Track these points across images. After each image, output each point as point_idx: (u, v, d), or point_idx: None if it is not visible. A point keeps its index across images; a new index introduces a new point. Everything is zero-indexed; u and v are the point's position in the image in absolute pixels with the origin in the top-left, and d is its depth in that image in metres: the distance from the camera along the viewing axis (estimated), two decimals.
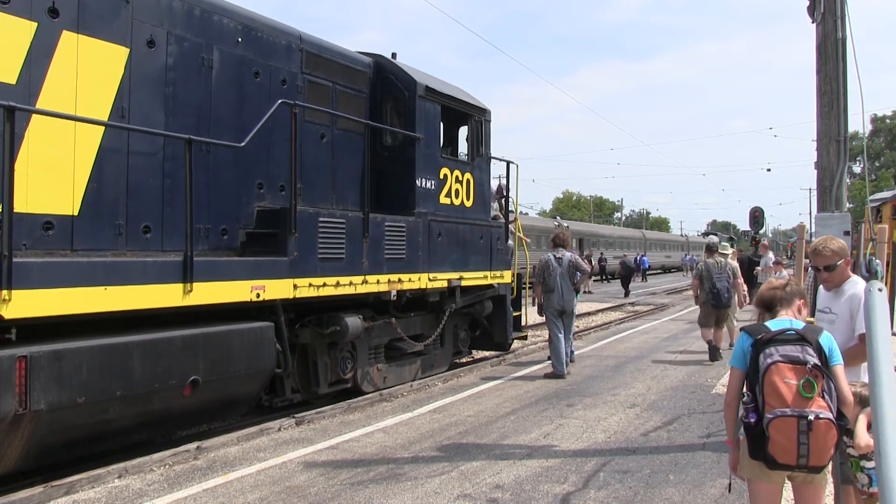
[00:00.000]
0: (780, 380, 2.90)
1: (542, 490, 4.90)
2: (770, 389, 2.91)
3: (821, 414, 2.84)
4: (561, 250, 9.84)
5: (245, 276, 6.26)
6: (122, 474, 5.12)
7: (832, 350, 3.03)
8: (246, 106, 7.01)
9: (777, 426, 2.87)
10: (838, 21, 6.48)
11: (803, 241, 7.04)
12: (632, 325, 16.72)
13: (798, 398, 2.87)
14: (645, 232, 63.06)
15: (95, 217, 5.59)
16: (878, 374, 2.67)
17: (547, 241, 16.65)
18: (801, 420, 2.84)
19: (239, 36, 6.98)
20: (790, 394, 2.87)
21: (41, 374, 4.59)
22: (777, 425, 2.87)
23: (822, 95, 6.64)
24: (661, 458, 5.66)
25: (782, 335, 3.01)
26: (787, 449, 2.87)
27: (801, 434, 2.85)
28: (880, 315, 2.80)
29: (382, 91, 8.89)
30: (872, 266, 2.97)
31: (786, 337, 3.00)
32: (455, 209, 9.53)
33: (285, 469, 5.39)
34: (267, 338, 6.42)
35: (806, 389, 2.86)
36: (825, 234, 6.19)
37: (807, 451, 2.85)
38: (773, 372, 2.92)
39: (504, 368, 10.24)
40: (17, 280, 4.51)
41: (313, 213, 7.09)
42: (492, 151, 10.64)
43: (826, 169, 6.67)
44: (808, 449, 2.85)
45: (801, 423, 2.84)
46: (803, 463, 2.88)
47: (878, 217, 14.13)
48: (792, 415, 2.85)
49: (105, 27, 5.67)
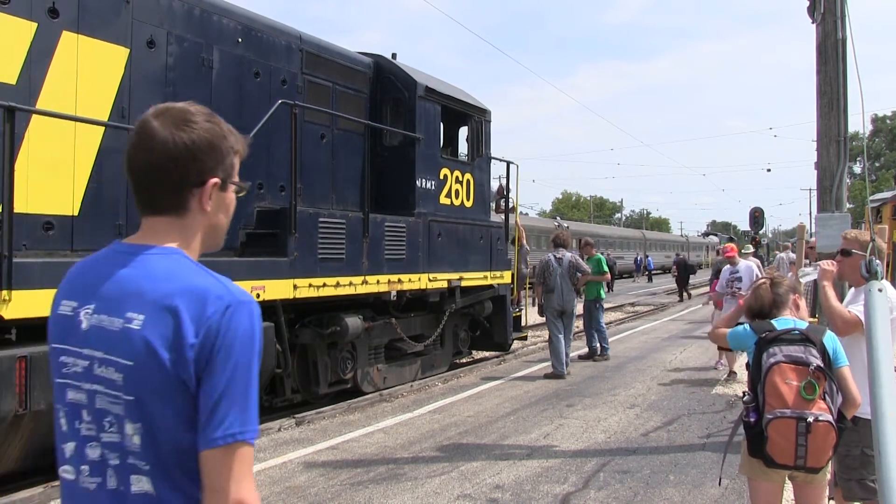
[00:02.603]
0: (781, 380, 2.90)
1: (542, 490, 4.90)
2: (771, 389, 2.91)
3: (820, 416, 2.84)
4: (561, 250, 9.84)
5: (245, 276, 6.26)
6: None
7: (836, 351, 3.01)
8: (246, 106, 7.01)
9: (776, 427, 2.87)
10: (838, 21, 6.48)
11: (803, 241, 7.05)
12: (632, 326, 16.73)
13: (799, 399, 2.86)
14: (645, 232, 63.03)
15: (95, 217, 5.59)
16: (878, 374, 2.67)
17: (547, 242, 16.65)
18: (800, 422, 2.84)
19: (239, 36, 6.98)
20: (791, 395, 2.87)
21: (41, 375, 4.58)
22: (776, 426, 2.87)
23: (822, 96, 6.63)
24: (661, 459, 5.66)
25: (787, 335, 3.00)
26: (785, 449, 2.87)
27: (799, 436, 2.84)
28: (880, 315, 2.80)
29: (382, 91, 8.89)
30: (872, 266, 2.97)
31: (790, 337, 2.99)
32: (455, 209, 9.53)
33: (285, 469, 5.38)
34: (267, 338, 6.42)
35: (807, 391, 2.85)
36: (825, 235, 6.20)
37: (805, 453, 2.85)
38: (776, 372, 2.91)
39: (504, 368, 10.24)
40: (17, 280, 4.51)
41: (313, 214, 7.09)
42: (492, 152, 10.65)
43: (826, 169, 6.66)
44: (805, 450, 2.84)
45: (799, 425, 2.84)
46: (801, 464, 2.88)
47: (878, 217, 14.12)
48: (791, 416, 2.85)
49: (105, 27, 5.67)
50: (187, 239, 1.35)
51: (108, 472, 1.25)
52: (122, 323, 1.24)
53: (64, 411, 1.31)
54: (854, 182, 47.44)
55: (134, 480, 1.23)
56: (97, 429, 1.26)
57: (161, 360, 1.21)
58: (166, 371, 1.21)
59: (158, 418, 1.22)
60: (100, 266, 1.35)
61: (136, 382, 1.22)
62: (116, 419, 1.24)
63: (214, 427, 1.20)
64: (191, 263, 1.32)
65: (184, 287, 1.25)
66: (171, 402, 1.21)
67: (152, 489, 1.22)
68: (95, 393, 1.26)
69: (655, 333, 14.78)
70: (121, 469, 1.24)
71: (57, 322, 1.34)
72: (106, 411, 1.25)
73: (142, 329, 1.22)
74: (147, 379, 1.21)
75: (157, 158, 1.30)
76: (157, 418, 1.22)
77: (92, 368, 1.26)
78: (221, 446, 1.20)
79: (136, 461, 1.23)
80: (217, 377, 1.21)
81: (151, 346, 1.21)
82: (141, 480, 1.23)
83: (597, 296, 10.92)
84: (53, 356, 1.33)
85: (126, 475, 1.24)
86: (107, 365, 1.24)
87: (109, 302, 1.28)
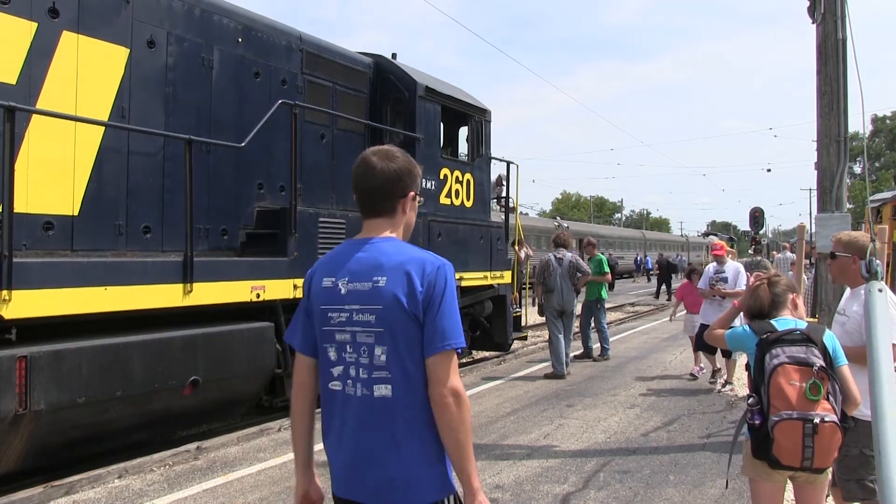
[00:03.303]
0: (786, 382, 2.89)
1: (542, 490, 4.90)
2: (776, 391, 2.90)
3: (826, 417, 2.83)
4: (562, 250, 9.84)
5: (245, 276, 6.26)
6: (122, 474, 5.12)
7: (836, 350, 3.01)
8: (246, 106, 7.01)
9: (782, 429, 2.86)
10: (838, 21, 6.48)
11: (803, 241, 7.04)
12: (632, 326, 16.72)
13: (803, 400, 2.85)
14: (645, 232, 63.02)
15: (95, 217, 5.59)
16: (878, 374, 2.67)
17: (547, 242, 16.64)
18: (806, 423, 2.83)
19: (239, 36, 6.98)
20: (795, 396, 2.86)
21: (41, 375, 4.59)
22: (782, 428, 2.86)
23: (823, 96, 6.63)
24: (661, 459, 5.66)
25: (788, 335, 3.00)
26: (792, 452, 2.86)
27: (806, 437, 2.83)
28: (880, 315, 2.80)
29: (382, 91, 8.89)
30: (872, 266, 2.97)
31: (792, 338, 2.98)
32: (455, 209, 9.53)
33: (285, 469, 5.38)
34: (267, 338, 6.42)
35: (812, 392, 2.85)
36: (825, 235, 6.20)
37: (812, 454, 2.84)
38: (780, 374, 2.90)
39: (504, 368, 10.24)
40: (18, 280, 4.51)
41: (313, 214, 7.09)
42: (492, 151, 10.65)
43: (826, 169, 6.66)
44: (813, 452, 2.83)
45: (806, 427, 2.83)
46: (808, 465, 2.87)
47: (878, 217, 14.11)
48: (798, 418, 2.83)
49: (105, 27, 5.68)
50: (397, 230, 2.09)
51: (360, 384, 1.96)
52: (371, 284, 1.95)
53: (333, 347, 2.01)
54: (854, 182, 47.44)
55: (376, 389, 1.94)
56: (356, 356, 1.97)
57: (401, 303, 1.91)
58: (404, 309, 1.91)
59: (398, 341, 1.92)
60: (343, 254, 2.06)
61: (384, 319, 1.92)
62: (368, 347, 1.95)
63: (437, 340, 1.90)
64: (406, 244, 2.05)
65: (409, 257, 1.97)
66: (405, 329, 1.92)
67: (389, 394, 1.93)
68: (355, 332, 1.97)
69: (655, 333, 14.77)
70: (369, 382, 1.95)
71: (322, 292, 2.04)
72: (362, 343, 1.96)
73: (386, 286, 1.93)
74: (391, 316, 1.92)
75: (377, 181, 2.05)
76: (397, 341, 1.92)
77: (352, 317, 1.97)
78: (440, 352, 1.90)
79: (379, 374, 1.93)
80: (436, 309, 1.92)
81: (395, 294, 1.91)
82: (380, 388, 1.94)
83: (598, 296, 10.90)
84: (322, 313, 2.03)
85: (371, 386, 1.95)
86: (363, 313, 1.95)
87: (358, 274, 1.99)
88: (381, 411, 1.94)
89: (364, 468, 1.96)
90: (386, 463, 1.94)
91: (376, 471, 1.95)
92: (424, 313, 1.92)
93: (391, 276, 1.94)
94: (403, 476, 1.93)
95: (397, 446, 1.93)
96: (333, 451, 2.05)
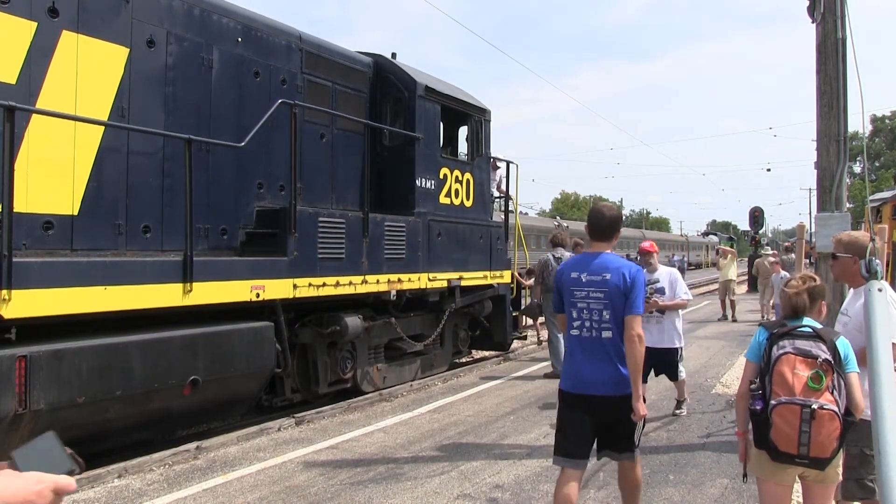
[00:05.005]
0: (789, 369, 2.93)
1: (542, 490, 4.89)
2: (778, 378, 2.94)
3: (825, 405, 2.85)
4: (560, 250, 9.84)
5: (245, 275, 6.26)
6: (121, 474, 5.12)
7: (848, 356, 3.02)
8: (246, 106, 7.01)
9: (780, 412, 2.90)
10: (838, 21, 6.47)
11: (803, 241, 7.04)
12: None
13: (805, 389, 2.89)
14: (645, 232, 62.97)
15: (95, 217, 5.59)
16: (878, 374, 2.67)
17: (547, 242, 16.63)
18: (804, 408, 2.86)
19: (239, 36, 6.98)
20: (798, 384, 2.90)
21: (41, 374, 4.59)
22: (780, 411, 2.90)
23: (822, 95, 6.63)
24: (661, 458, 5.66)
25: (797, 330, 3.05)
26: (788, 437, 2.89)
27: (803, 422, 2.86)
28: (880, 314, 2.80)
29: (382, 91, 8.89)
30: (872, 266, 2.97)
31: (801, 332, 3.04)
32: (455, 209, 9.53)
33: (285, 469, 5.38)
34: (267, 337, 6.42)
35: (814, 381, 2.88)
36: (825, 234, 6.20)
37: (808, 440, 2.85)
38: (783, 362, 2.95)
39: (504, 368, 10.24)
40: (17, 280, 4.51)
41: (313, 213, 7.09)
42: (492, 151, 10.64)
43: (826, 169, 6.66)
44: (808, 437, 2.85)
45: (804, 412, 2.86)
46: (804, 452, 2.88)
47: (878, 217, 14.11)
48: (797, 403, 2.87)
49: (105, 27, 5.67)
50: (611, 248, 3.90)
51: (594, 330, 3.74)
52: (602, 277, 3.72)
53: (576, 310, 3.78)
54: (854, 182, 47.42)
55: (604, 332, 3.72)
56: (589, 315, 3.75)
57: (619, 287, 3.68)
58: (620, 291, 3.68)
59: (615, 307, 3.69)
60: (584, 260, 3.87)
61: (609, 296, 3.70)
62: (598, 311, 3.72)
63: (631, 308, 3.68)
64: (619, 256, 3.89)
65: (622, 264, 3.77)
66: (619, 301, 3.69)
67: (611, 335, 3.71)
68: (590, 303, 3.74)
69: None
70: (599, 328, 3.73)
71: (570, 280, 3.82)
72: (594, 308, 3.73)
73: (611, 279, 3.70)
74: (613, 294, 3.69)
75: (607, 223, 3.91)
76: (615, 308, 3.69)
77: (588, 295, 3.74)
78: (631, 314, 3.67)
79: (605, 325, 3.71)
80: (632, 292, 3.68)
81: (616, 283, 3.69)
82: (606, 332, 3.72)
83: None
84: (569, 293, 3.80)
85: (601, 331, 3.73)
86: (596, 293, 3.72)
87: (594, 271, 3.76)
88: (606, 345, 3.71)
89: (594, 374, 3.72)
90: (606, 371, 3.69)
91: (601, 375, 3.70)
92: (627, 293, 3.66)
93: (613, 273, 3.70)
94: (615, 377, 3.69)
95: (613, 363, 3.70)
96: (568, 364, 3.85)
